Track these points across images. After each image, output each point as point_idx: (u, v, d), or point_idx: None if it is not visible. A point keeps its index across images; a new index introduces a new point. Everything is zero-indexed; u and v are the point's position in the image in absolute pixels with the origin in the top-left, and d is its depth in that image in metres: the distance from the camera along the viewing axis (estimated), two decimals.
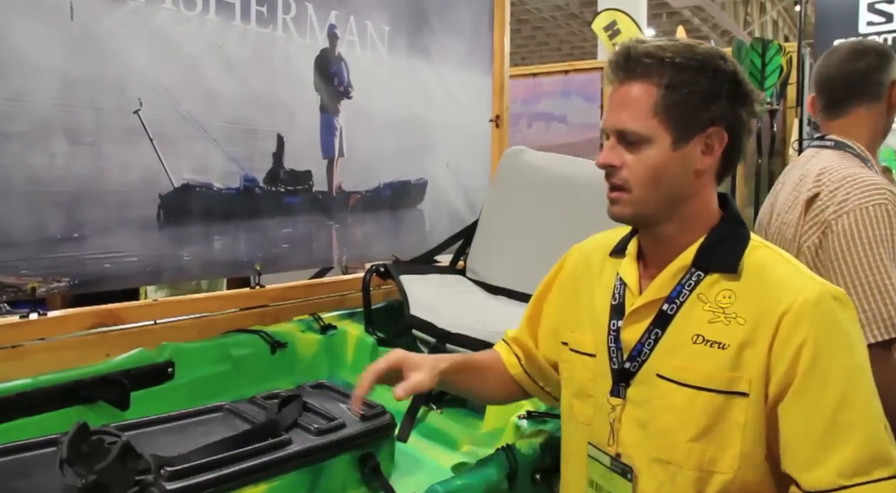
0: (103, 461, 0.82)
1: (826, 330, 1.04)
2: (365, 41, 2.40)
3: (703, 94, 1.08)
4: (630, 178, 1.11)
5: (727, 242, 1.13)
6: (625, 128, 1.10)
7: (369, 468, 1.45)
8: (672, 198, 1.12)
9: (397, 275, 2.12)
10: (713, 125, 1.10)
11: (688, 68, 1.08)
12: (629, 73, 1.10)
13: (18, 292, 1.58)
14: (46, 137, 1.61)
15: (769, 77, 4.16)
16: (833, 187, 1.60)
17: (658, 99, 1.08)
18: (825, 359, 1.02)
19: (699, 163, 1.11)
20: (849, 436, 1.01)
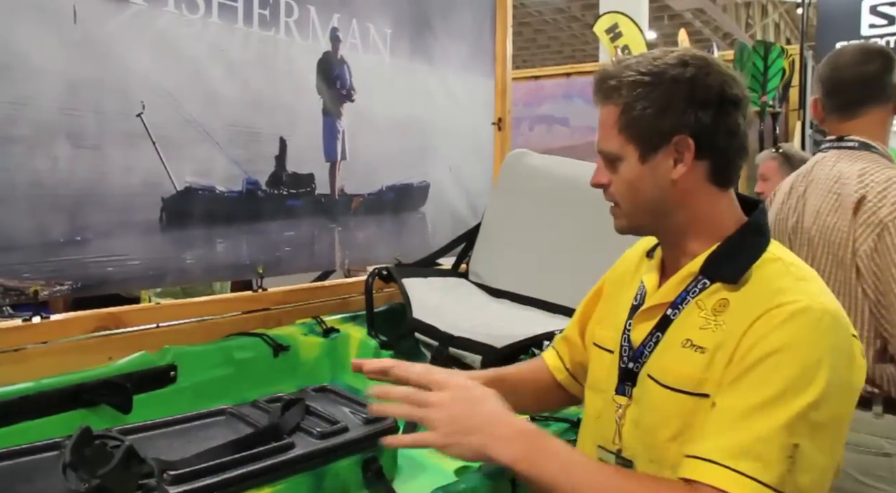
0: (106, 466, 0.82)
1: (799, 336, 1.00)
2: (367, 44, 2.40)
3: (657, 106, 1.10)
4: (615, 193, 1.18)
5: (738, 252, 1.13)
6: (601, 148, 1.18)
7: (372, 472, 1.45)
8: (655, 209, 1.16)
9: (400, 278, 2.12)
10: (676, 134, 1.10)
11: (642, 84, 1.11)
12: (600, 95, 1.17)
13: (21, 295, 1.57)
14: (49, 141, 1.61)
15: (771, 80, 4.16)
16: (880, 188, 1.63)
17: (618, 118, 1.13)
18: (778, 358, 1.00)
19: (673, 172, 1.12)
20: (746, 431, 0.98)
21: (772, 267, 1.10)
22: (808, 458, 0.97)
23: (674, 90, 1.10)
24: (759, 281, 1.09)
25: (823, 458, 0.98)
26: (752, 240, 1.14)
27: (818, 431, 0.98)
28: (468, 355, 1.86)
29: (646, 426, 1.15)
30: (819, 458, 0.98)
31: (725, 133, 1.11)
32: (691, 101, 1.09)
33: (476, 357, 1.84)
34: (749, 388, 1.00)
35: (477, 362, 1.84)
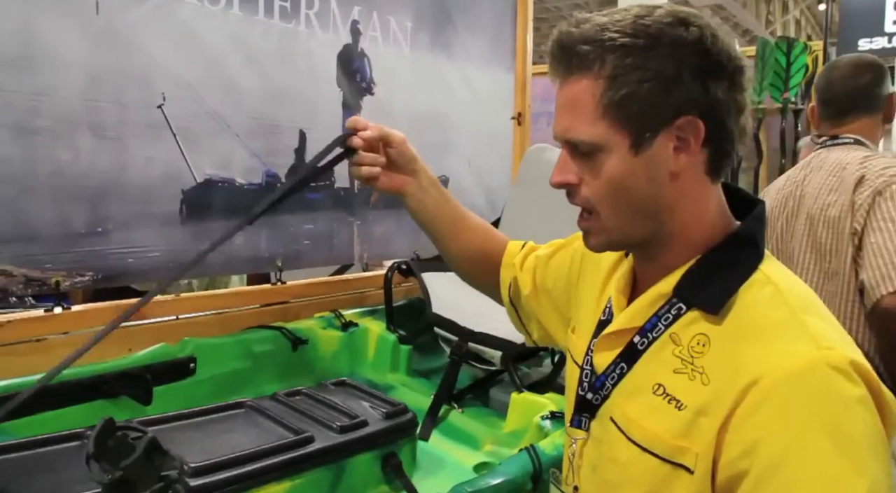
0: (130, 458, 0.81)
1: (804, 418, 0.74)
2: (387, 37, 2.39)
3: (659, 78, 0.82)
4: (592, 197, 0.88)
5: (722, 269, 0.87)
6: (570, 137, 0.87)
7: (391, 467, 1.44)
8: (647, 213, 0.88)
9: (419, 272, 2.11)
10: (682, 114, 0.83)
11: (635, 49, 0.82)
12: (562, 67, 0.87)
13: (43, 285, 1.58)
14: (71, 132, 1.61)
15: (794, 76, 4.11)
16: (879, 168, 1.76)
17: (602, 95, 0.84)
18: (795, 462, 0.73)
19: (673, 164, 0.85)
20: None
21: (762, 294, 0.84)
22: None
23: (677, 55, 0.82)
24: (745, 310, 0.83)
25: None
26: (740, 255, 0.88)
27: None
28: (488, 351, 1.85)
29: (607, 478, 0.93)
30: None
31: (736, 112, 0.86)
32: (700, 70, 0.82)
33: (496, 352, 1.82)
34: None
35: (497, 357, 1.83)
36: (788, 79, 4.12)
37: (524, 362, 1.94)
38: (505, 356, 1.81)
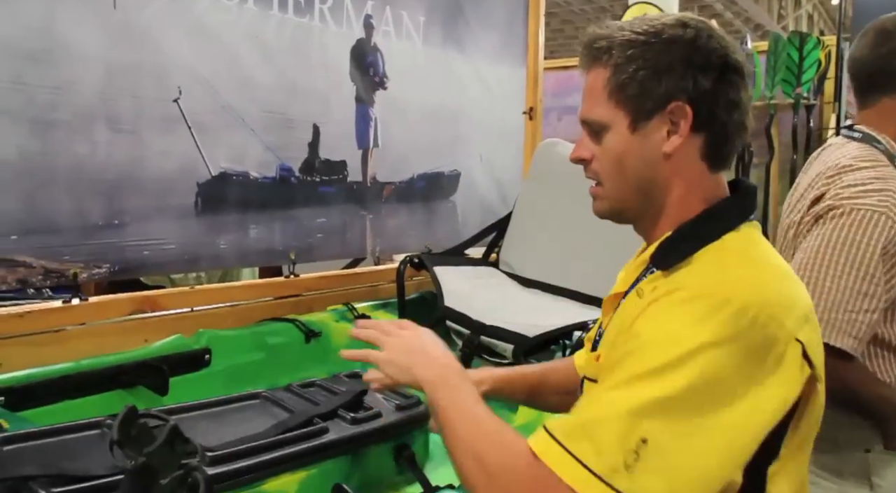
0: (152, 445, 0.82)
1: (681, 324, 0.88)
2: (400, 32, 2.40)
3: (654, 67, 0.98)
4: (599, 170, 1.04)
5: (687, 239, 0.99)
6: (585, 117, 1.04)
7: (404, 458, 1.46)
8: (643, 187, 1.02)
9: (431, 266, 2.12)
10: (672, 100, 0.98)
11: (636, 43, 0.99)
12: (586, 60, 1.04)
13: (61, 277, 1.60)
14: (89, 126, 1.63)
15: (806, 71, 4.08)
16: (842, 186, 1.49)
17: (608, 80, 1.00)
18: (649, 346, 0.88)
19: (666, 144, 0.99)
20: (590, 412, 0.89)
21: (712, 256, 0.96)
22: (662, 459, 0.83)
23: (672, 50, 0.98)
24: (688, 269, 0.96)
25: (688, 466, 0.84)
26: (707, 226, 0.99)
27: (681, 431, 0.84)
28: (500, 344, 1.86)
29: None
30: (679, 462, 0.83)
31: (727, 104, 0.99)
32: (691, 63, 0.97)
33: (507, 346, 1.83)
34: (611, 373, 0.91)
35: (508, 350, 1.84)
36: (801, 74, 4.09)
37: (535, 355, 1.95)
38: (516, 350, 1.82)
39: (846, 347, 1.41)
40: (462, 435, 0.96)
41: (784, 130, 4.20)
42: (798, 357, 0.90)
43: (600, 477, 0.83)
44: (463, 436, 0.96)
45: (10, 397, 1.35)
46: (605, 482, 0.82)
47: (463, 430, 0.97)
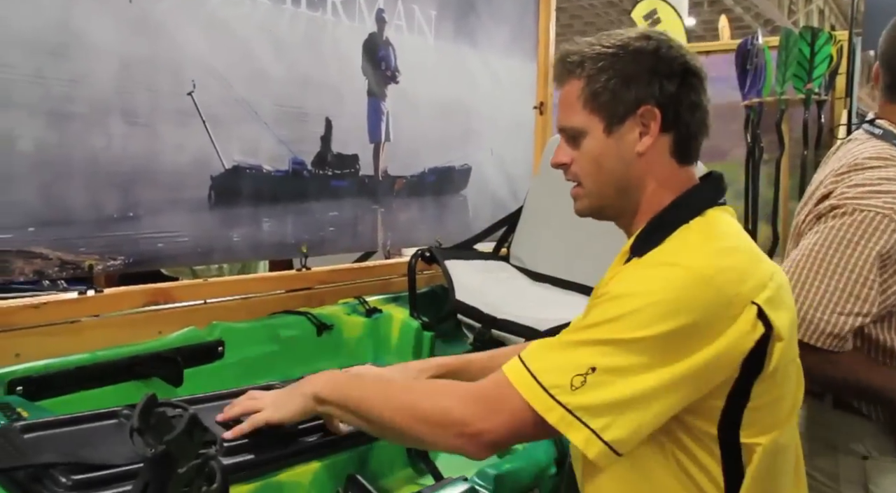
0: (172, 433, 0.83)
1: (646, 285, 1.02)
2: (412, 26, 2.40)
3: (623, 76, 1.10)
4: (579, 172, 1.15)
5: (659, 228, 1.11)
6: (563, 126, 1.15)
7: (415, 451, 1.47)
8: (620, 185, 1.14)
9: (442, 260, 2.12)
10: (642, 105, 1.11)
11: (605, 56, 1.11)
12: (560, 75, 1.16)
13: (77, 269, 1.61)
14: (105, 118, 1.64)
15: (818, 67, 4.06)
16: (850, 184, 1.45)
17: (582, 91, 1.12)
18: (613, 300, 1.03)
19: (639, 144, 1.12)
20: (554, 342, 1.05)
21: (678, 236, 1.08)
22: (604, 387, 0.97)
23: (638, 60, 1.10)
24: (657, 249, 1.08)
25: (627, 398, 0.97)
26: (676, 214, 1.11)
27: (628, 368, 0.98)
28: (511, 337, 1.86)
29: None
30: (620, 394, 0.97)
31: (689, 105, 1.13)
32: (655, 71, 1.10)
33: (519, 339, 1.84)
34: (581, 321, 1.06)
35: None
36: (812, 69, 4.07)
37: None
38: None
39: (825, 346, 1.38)
40: (399, 399, 1.11)
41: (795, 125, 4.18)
42: (752, 318, 1.01)
43: (546, 390, 0.99)
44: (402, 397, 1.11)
45: (29, 387, 1.37)
46: (550, 394, 0.98)
47: (393, 390, 1.15)
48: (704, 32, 14.60)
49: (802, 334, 1.37)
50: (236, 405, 1.24)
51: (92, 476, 0.99)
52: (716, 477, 1.06)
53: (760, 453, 1.06)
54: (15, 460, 1.01)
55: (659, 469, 1.07)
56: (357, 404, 1.14)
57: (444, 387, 1.14)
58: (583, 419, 0.97)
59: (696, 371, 0.99)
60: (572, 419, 0.98)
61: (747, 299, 1.01)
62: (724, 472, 1.06)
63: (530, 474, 1.34)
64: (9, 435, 1.07)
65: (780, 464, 1.12)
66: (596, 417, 0.97)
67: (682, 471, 1.06)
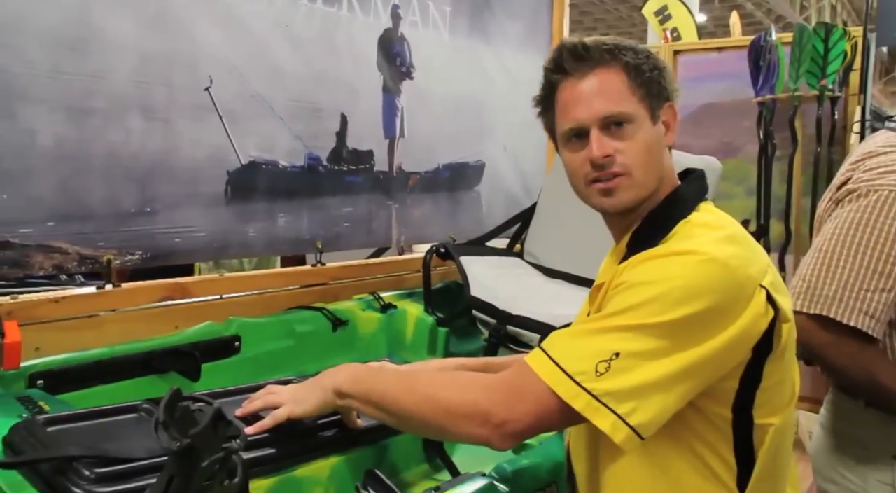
0: (197, 427, 0.84)
1: (665, 272, 1.02)
2: (427, 21, 2.40)
3: (659, 71, 1.13)
4: (628, 162, 1.09)
5: (657, 226, 1.11)
6: (614, 111, 1.10)
7: (432, 446, 1.47)
8: (659, 176, 1.13)
9: (457, 256, 2.12)
10: (668, 101, 1.15)
11: (638, 50, 1.13)
12: (594, 61, 1.11)
13: (95, 263, 1.62)
14: (123, 114, 1.64)
15: (832, 63, 4.03)
16: (866, 169, 1.50)
17: (630, 78, 1.11)
18: (634, 289, 1.03)
19: (666, 138, 1.15)
20: (576, 330, 1.07)
21: (680, 230, 1.10)
22: (629, 372, 0.98)
23: (659, 60, 1.14)
24: (662, 245, 1.09)
25: (651, 382, 0.98)
26: (674, 211, 1.12)
27: (651, 352, 0.98)
28: (526, 334, 1.86)
29: None
30: (644, 377, 0.98)
31: None
32: (667, 71, 1.15)
33: (534, 336, 1.84)
34: (599, 312, 1.07)
35: (535, 340, 1.84)
36: (826, 66, 4.04)
37: None
38: (543, 340, 1.82)
39: (861, 325, 1.40)
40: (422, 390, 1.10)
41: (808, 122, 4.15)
42: (763, 301, 1.03)
43: (571, 376, 0.99)
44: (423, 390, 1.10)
45: (49, 381, 1.38)
46: (575, 380, 0.99)
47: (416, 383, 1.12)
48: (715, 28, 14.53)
49: (841, 314, 1.40)
50: (256, 400, 1.23)
51: (115, 470, 0.99)
52: (728, 460, 1.07)
53: (772, 433, 1.08)
54: (38, 452, 1.01)
55: (673, 457, 1.08)
56: (380, 397, 1.13)
57: (467, 378, 1.14)
58: (609, 404, 0.98)
59: (717, 353, 1.00)
60: (598, 404, 0.98)
61: (756, 282, 1.03)
62: (736, 455, 1.07)
63: (547, 469, 1.34)
64: (32, 428, 1.07)
65: (787, 444, 1.15)
66: (622, 402, 0.98)
67: (696, 457, 1.07)
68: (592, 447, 1.16)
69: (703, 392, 1.04)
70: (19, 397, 1.27)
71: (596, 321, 1.05)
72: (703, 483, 1.08)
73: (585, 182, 1.13)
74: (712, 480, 1.08)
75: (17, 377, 1.34)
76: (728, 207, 1.80)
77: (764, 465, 1.09)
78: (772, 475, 1.12)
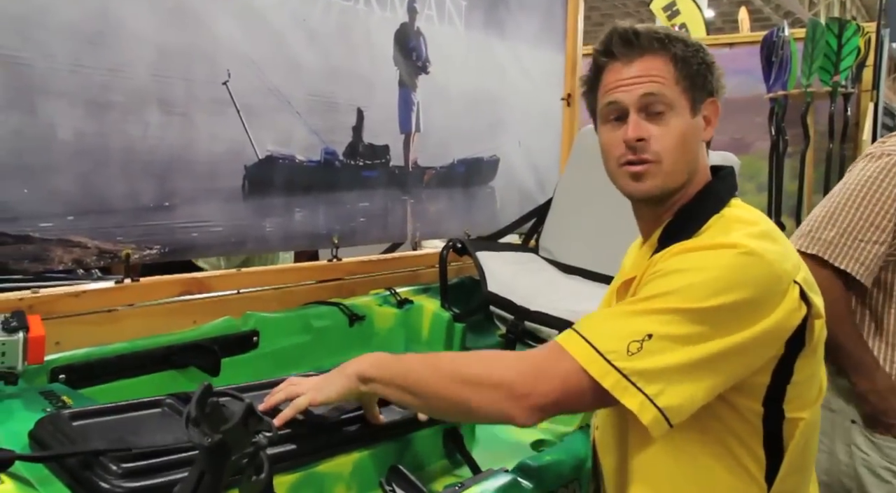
0: (229, 422, 0.83)
1: (701, 262, 1.02)
2: (443, 16, 2.39)
3: (707, 64, 1.14)
4: (660, 149, 1.11)
5: (690, 220, 1.13)
6: (655, 91, 1.11)
7: (453, 442, 1.46)
8: (691, 168, 1.14)
9: (474, 251, 2.12)
10: (711, 96, 1.15)
11: (688, 43, 1.14)
12: (643, 48, 1.13)
13: (114, 257, 1.62)
14: (141, 108, 1.64)
15: (845, 59, 4.01)
16: (879, 143, 1.69)
17: (677, 69, 1.12)
18: (669, 276, 1.03)
19: (704, 133, 1.16)
20: (609, 312, 1.08)
21: (714, 224, 1.11)
22: (660, 354, 0.98)
23: (709, 56, 1.15)
24: (697, 238, 1.10)
25: (682, 365, 0.98)
26: (707, 205, 1.14)
27: (685, 337, 0.99)
28: (544, 330, 1.86)
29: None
30: (676, 360, 0.98)
31: None
32: (717, 68, 1.16)
33: (552, 332, 1.83)
34: (633, 296, 1.09)
35: (553, 336, 1.83)
36: (839, 61, 4.02)
37: None
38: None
39: (851, 270, 1.59)
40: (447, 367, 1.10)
41: (820, 118, 4.14)
42: (797, 297, 1.04)
43: (603, 354, 0.99)
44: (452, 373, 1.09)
45: (71, 375, 1.38)
46: (606, 358, 0.98)
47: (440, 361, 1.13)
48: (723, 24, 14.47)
49: (834, 258, 1.59)
50: (278, 392, 1.23)
51: (142, 464, 0.99)
52: (758, 454, 1.08)
53: (802, 427, 1.08)
54: (65, 447, 1.01)
55: (702, 450, 1.08)
56: (404, 377, 1.13)
57: (494, 354, 1.16)
58: (637, 383, 0.97)
59: (749, 345, 1.00)
60: (627, 383, 0.98)
61: (791, 277, 1.04)
62: (765, 448, 1.08)
63: (570, 466, 1.34)
64: (58, 422, 1.07)
65: (815, 438, 1.17)
66: (650, 382, 0.97)
67: (725, 450, 1.07)
68: (621, 440, 1.16)
69: (734, 387, 1.03)
70: (42, 391, 1.26)
71: (631, 304, 1.05)
72: (731, 477, 1.08)
73: (617, 163, 1.15)
74: (741, 474, 1.08)
75: (40, 372, 1.34)
76: None
77: (793, 459, 1.09)
78: (800, 469, 1.12)
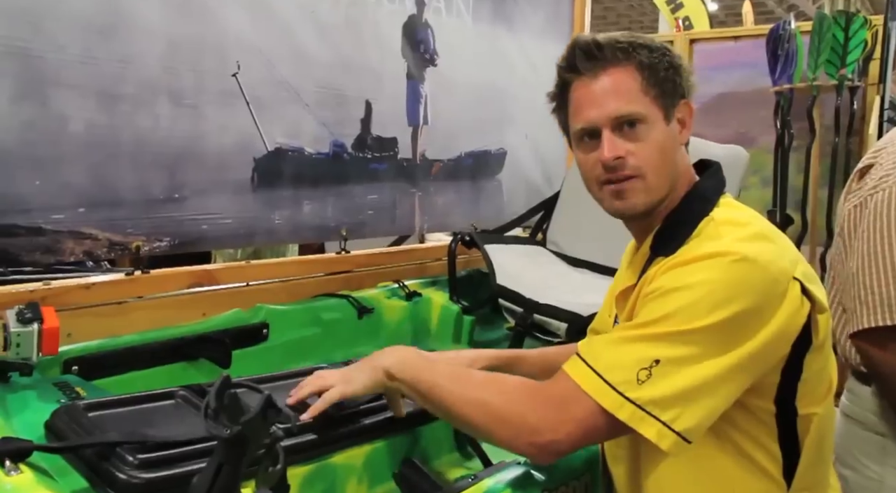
0: (248, 414, 0.83)
1: (699, 276, 1.00)
2: (451, 8, 2.38)
3: (674, 68, 1.11)
4: (640, 164, 1.08)
5: (680, 225, 1.10)
6: (626, 112, 1.08)
7: (464, 435, 1.46)
8: (673, 176, 1.12)
9: (482, 244, 2.12)
10: (683, 98, 1.13)
11: (653, 48, 1.10)
12: (607, 60, 1.09)
13: (125, 249, 1.62)
14: (152, 99, 1.64)
15: (852, 52, 3.99)
16: (888, 159, 1.46)
17: (644, 78, 1.09)
18: (668, 295, 1.01)
19: (681, 137, 1.13)
20: (614, 339, 1.04)
21: (705, 230, 1.08)
22: (670, 378, 0.97)
23: (675, 57, 1.12)
24: (689, 245, 1.07)
25: (693, 386, 0.97)
26: (696, 208, 1.11)
27: (691, 358, 0.97)
28: (553, 322, 1.85)
29: None
30: (686, 383, 0.97)
31: None
32: (686, 68, 1.14)
33: (561, 324, 1.83)
34: (634, 320, 1.06)
35: (562, 329, 1.83)
36: (846, 55, 4.00)
37: None
38: (571, 328, 1.81)
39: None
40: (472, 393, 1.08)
41: (826, 112, 4.12)
42: (798, 294, 1.02)
43: (614, 387, 0.98)
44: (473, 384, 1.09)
45: (83, 367, 1.38)
46: (618, 391, 0.97)
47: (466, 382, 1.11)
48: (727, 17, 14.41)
49: (884, 318, 1.36)
50: (306, 386, 1.22)
51: (158, 455, 0.99)
52: (773, 451, 1.07)
53: (817, 422, 1.08)
54: (81, 438, 1.01)
55: (717, 454, 1.07)
56: (429, 389, 1.12)
57: (516, 386, 1.10)
58: (653, 412, 0.97)
59: (758, 353, 0.99)
60: (643, 414, 0.97)
61: (789, 276, 1.02)
62: (781, 445, 1.07)
63: (582, 459, 1.34)
64: (74, 413, 1.07)
65: (830, 431, 1.16)
66: (665, 409, 0.96)
67: (740, 451, 1.07)
68: (633, 450, 1.15)
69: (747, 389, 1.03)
70: (56, 382, 1.27)
71: (633, 329, 1.03)
72: (748, 477, 1.07)
73: (598, 184, 1.12)
74: (757, 473, 1.07)
75: (53, 363, 1.34)
76: (744, 197, 1.80)
77: (810, 454, 1.08)
78: (818, 462, 1.12)
